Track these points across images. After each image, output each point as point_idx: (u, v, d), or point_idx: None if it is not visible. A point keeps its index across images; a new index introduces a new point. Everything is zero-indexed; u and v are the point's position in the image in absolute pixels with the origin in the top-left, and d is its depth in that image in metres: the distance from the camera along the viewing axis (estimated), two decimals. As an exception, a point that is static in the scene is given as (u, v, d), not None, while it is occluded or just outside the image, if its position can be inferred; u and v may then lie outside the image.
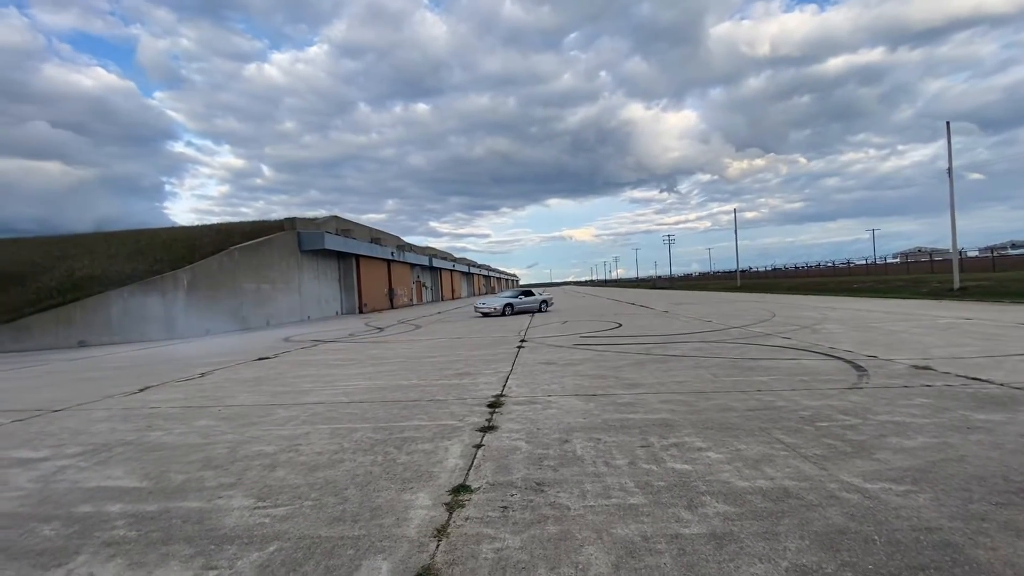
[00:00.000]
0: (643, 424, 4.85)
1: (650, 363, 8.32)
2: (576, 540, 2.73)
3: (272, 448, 4.62)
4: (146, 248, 23.37)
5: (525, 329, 15.57)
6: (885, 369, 7.02)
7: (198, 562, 2.70)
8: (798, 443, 4.14)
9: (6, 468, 4.42)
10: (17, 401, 7.70)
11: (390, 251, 41.21)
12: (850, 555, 2.48)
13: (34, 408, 7.01)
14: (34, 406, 7.15)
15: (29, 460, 4.62)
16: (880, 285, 32.45)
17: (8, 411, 6.92)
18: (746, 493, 3.23)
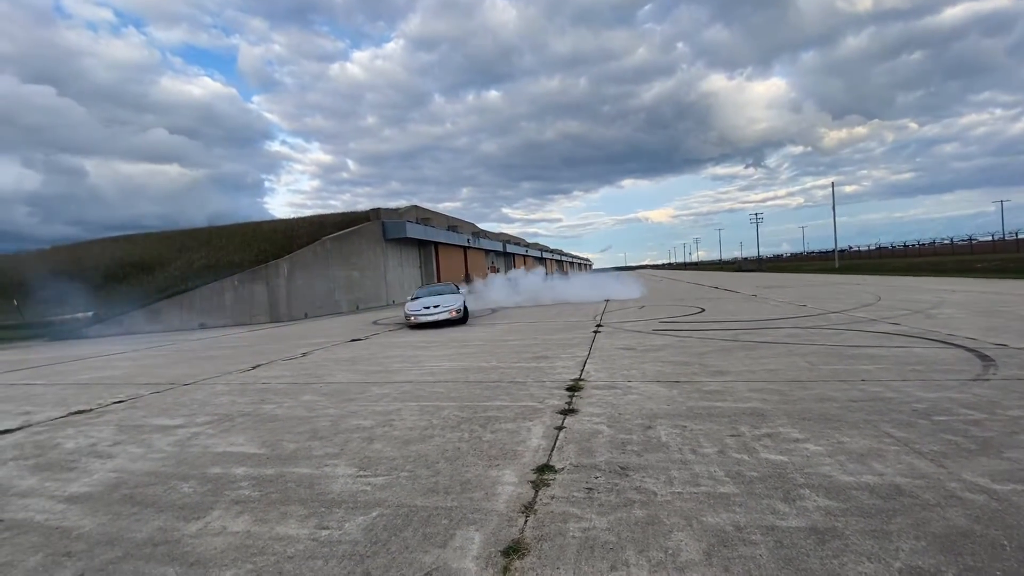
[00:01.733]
0: (732, 413, 4.67)
1: (737, 350, 7.92)
2: (664, 525, 2.72)
3: (369, 423, 4.99)
4: (251, 240, 25.71)
5: (601, 314, 15.39)
6: (1017, 359, 6.19)
7: (312, 522, 3.01)
8: (911, 438, 3.78)
9: (149, 433, 5.14)
10: (153, 376, 8.87)
11: (466, 238, 42.26)
12: (974, 559, 2.26)
13: (167, 382, 8.05)
14: (167, 380, 8.21)
15: (167, 427, 5.34)
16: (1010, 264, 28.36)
17: (147, 384, 8.00)
18: (850, 488, 3.02)
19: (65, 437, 5.13)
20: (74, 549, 2.84)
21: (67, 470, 4.14)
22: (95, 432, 5.25)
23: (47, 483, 3.88)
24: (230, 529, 2.98)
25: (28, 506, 3.46)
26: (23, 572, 2.64)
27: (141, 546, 2.84)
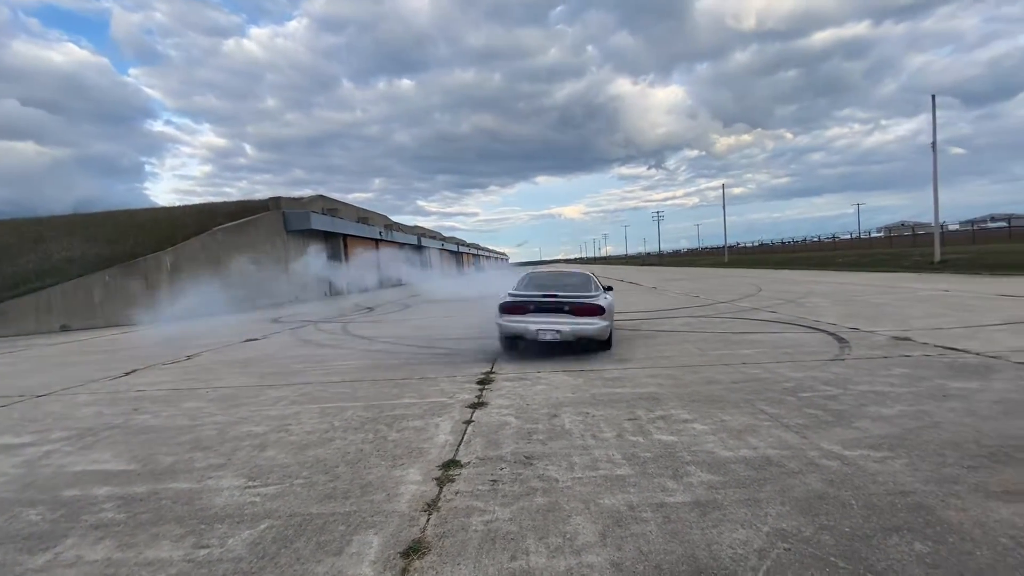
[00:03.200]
0: (631, 398, 4.93)
1: (638, 339, 8.40)
2: (564, 511, 2.79)
3: (262, 428, 4.62)
4: (126, 230, 22.85)
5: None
6: (866, 341, 7.17)
7: (189, 541, 2.72)
8: (781, 413, 4.23)
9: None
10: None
11: (378, 231, 40.89)
12: (828, 519, 2.57)
13: (16, 394, 6.91)
14: (16, 392, 7.05)
15: (12, 446, 4.57)
16: (864, 259, 32.92)
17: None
18: (730, 462, 3.31)
19: None
20: None
21: None
22: (-91, 458, 4.36)
23: None
24: (87, 558, 2.60)
25: None
26: None
27: (-35, 590, 2.40)
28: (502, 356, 7.51)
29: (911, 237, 52.98)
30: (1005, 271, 18.42)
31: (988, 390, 4.57)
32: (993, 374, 5.08)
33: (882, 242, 58.99)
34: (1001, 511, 2.56)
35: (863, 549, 2.30)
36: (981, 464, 3.09)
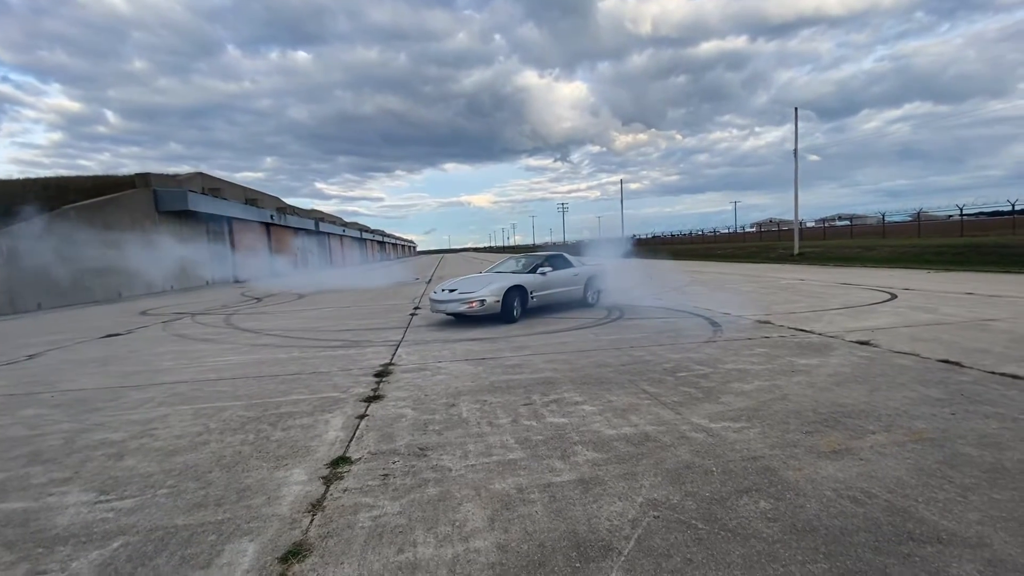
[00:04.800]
0: (528, 383, 5.07)
1: (538, 326, 8.66)
2: (455, 499, 2.81)
3: (120, 435, 4.10)
4: (-58, 206, 18.91)
5: (420, 296, 15.33)
6: (735, 324, 8.02)
7: (21, 568, 2.35)
8: (660, 392, 4.60)
9: None
10: None
11: (269, 214, 37.83)
12: (693, 486, 2.85)
13: None
14: None
15: None
16: (739, 251, 36.75)
17: None
18: (613, 440, 3.54)
19: None
20: None
21: None
22: None
23: None
24: None
25: None
26: None
27: None
28: (402, 347, 7.36)
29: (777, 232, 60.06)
30: (846, 262, 21.60)
31: (825, 365, 5.34)
32: (830, 352, 5.94)
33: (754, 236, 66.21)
34: (828, 468, 3.00)
35: (719, 511, 2.58)
36: (815, 429, 3.61)
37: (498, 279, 9.37)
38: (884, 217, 41.80)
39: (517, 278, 9.45)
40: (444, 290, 9.38)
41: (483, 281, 9.39)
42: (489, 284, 9.07)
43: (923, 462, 3.03)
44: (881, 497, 2.65)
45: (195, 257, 27.56)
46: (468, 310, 8.76)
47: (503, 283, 9.07)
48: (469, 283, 9.54)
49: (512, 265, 10.90)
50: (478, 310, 8.72)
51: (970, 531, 2.34)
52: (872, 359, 5.49)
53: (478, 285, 9.15)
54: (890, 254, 22.67)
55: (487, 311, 8.75)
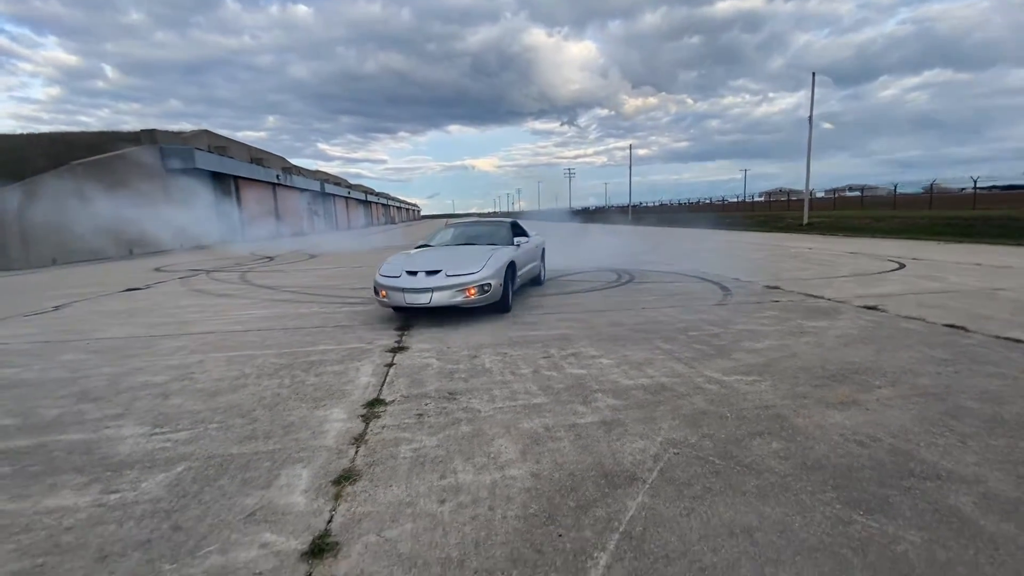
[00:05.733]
0: (545, 339, 5.26)
1: (548, 288, 8.82)
2: (488, 436, 3.02)
3: (161, 378, 4.34)
4: (-49, 160, 18.93)
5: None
6: (745, 289, 8.16)
7: (95, 488, 2.58)
8: (674, 349, 4.79)
9: None
10: None
11: (275, 174, 37.61)
12: (709, 429, 3.05)
13: None
14: None
15: None
16: (747, 220, 36.50)
17: None
18: (631, 389, 3.74)
19: None
20: None
21: None
22: None
23: None
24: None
25: None
26: None
27: None
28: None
29: (786, 202, 59.39)
30: (856, 233, 21.52)
31: (834, 328, 5.49)
32: (839, 316, 6.08)
33: (762, 206, 65.53)
34: (836, 416, 3.20)
35: (735, 450, 2.79)
36: (824, 383, 3.79)
37: (485, 252, 6.68)
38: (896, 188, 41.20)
39: (504, 252, 6.79)
40: (408, 272, 6.14)
41: (468, 257, 6.52)
42: (483, 260, 6.31)
43: (926, 413, 3.21)
44: (885, 441, 2.85)
45: (202, 216, 27.61)
46: (466, 301, 5.97)
47: (500, 258, 6.51)
48: (445, 259, 6.50)
49: (464, 233, 8.05)
50: (478, 300, 6.03)
51: (967, 471, 2.53)
52: (880, 323, 5.64)
53: (464, 262, 6.30)
54: (900, 225, 22.53)
55: (488, 300, 6.13)
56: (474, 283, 5.97)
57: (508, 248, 7.12)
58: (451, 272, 6.04)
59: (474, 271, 6.07)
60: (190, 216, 25.81)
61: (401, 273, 6.15)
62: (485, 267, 6.15)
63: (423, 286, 5.90)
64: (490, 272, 6.14)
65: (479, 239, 7.68)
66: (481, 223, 8.60)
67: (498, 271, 6.27)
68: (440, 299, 5.87)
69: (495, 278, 6.18)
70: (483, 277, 6.05)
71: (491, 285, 6.09)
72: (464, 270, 6.08)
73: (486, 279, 6.06)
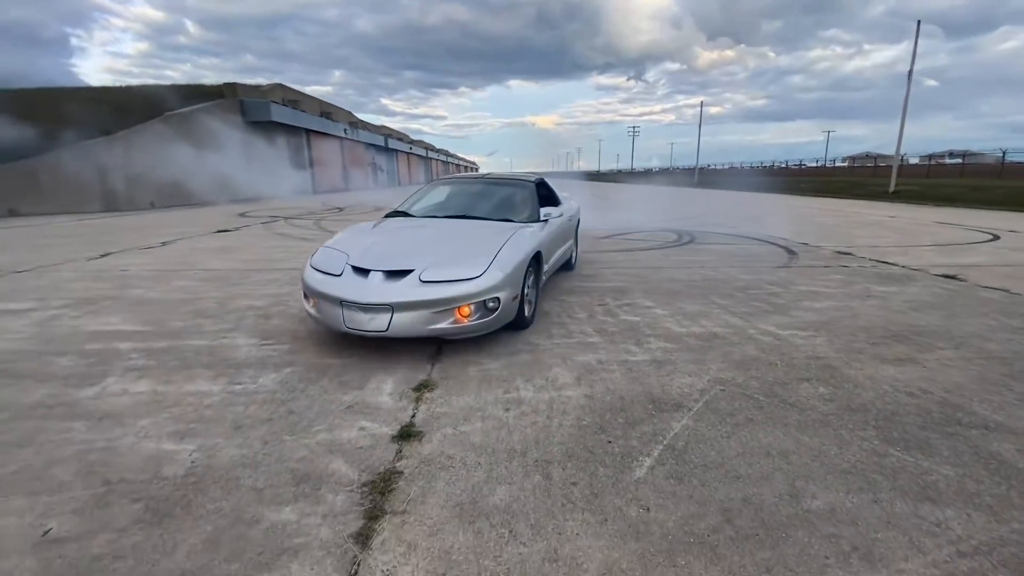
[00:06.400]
0: (600, 290, 5.47)
1: (607, 244, 8.91)
2: (545, 364, 3.34)
3: (261, 303, 4.95)
4: (66, 110, 20.97)
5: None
6: (813, 253, 7.91)
7: (222, 380, 3.13)
8: (730, 304, 4.87)
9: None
10: (-32, 263, 7.48)
11: (343, 128, 38.76)
12: (756, 372, 3.21)
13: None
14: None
15: (16, 311, 4.76)
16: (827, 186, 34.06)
17: (-36, 271, 6.78)
18: (682, 336, 3.92)
19: None
20: (-52, 415, 2.67)
21: None
22: (-88, 317, 4.50)
23: None
24: (132, 390, 2.99)
25: None
26: None
27: (33, 408, 2.77)
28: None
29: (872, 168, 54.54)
30: (948, 202, 19.69)
31: (903, 293, 5.33)
32: (911, 282, 5.86)
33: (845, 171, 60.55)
34: (889, 370, 3.25)
35: (780, 390, 2.95)
36: (883, 342, 3.80)
37: (495, 236, 4.02)
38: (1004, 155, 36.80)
39: (526, 237, 4.15)
40: (355, 270, 3.60)
41: (466, 243, 3.96)
42: (490, 251, 3.71)
43: (987, 374, 3.20)
44: (936, 394, 2.91)
45: (277, 167, 29.21)
46: (455, 329, 3.38)
47: (519, 247, 3.91)
48: (426, 245, 3.94)
49: (466, 199, 5.28)
50: (477, 325, 3.46)
51: (1018, 424, 2.57)
52: (956, 291, 5.40)
53: (458, 253, 3.74)
54: (1002, 196, 20.35)
55: (493, 325, 3.56)
56: (471, 296, 3.32)
57: (532, 228, 4.38)
58: (430, 275, 3.37)
59: (472, 273, 3.41)
60: (266, 167, 27.39)
61: (344, 269, 3.57)
62: (492, 265, 3.50)
63: (376, 300, 3.23)
64: (500, 275, 3.47)
65: (488, 210, 4.85)
66: (495, 182, 5.57)
67: (514, 272, 3.61)
68: (405, 325, 3.23)
69: (508, 286, 3.52)
70: (488, 285, 3.38)
71: (500, 300, 3.43)
72: (455, 270, 3.44)
73: (493, 288, 3.40)
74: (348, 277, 3.53)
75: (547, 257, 4.71)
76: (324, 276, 3.63)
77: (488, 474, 2.14)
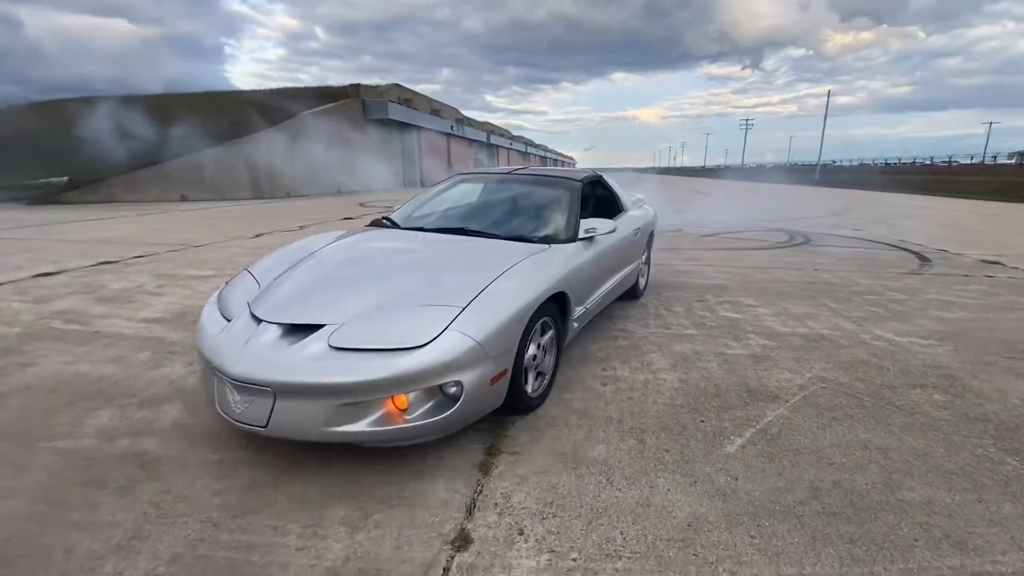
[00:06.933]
0: (700, 287, 5.47)
1: (710, 242, 8.70)
2: (641, 350, 3.53)
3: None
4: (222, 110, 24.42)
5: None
6: (951, 261, 7.13)
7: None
8: (843, 308, 4.66)
9: (187, 280, 5.67)
10: (159, 239, 9.20)
11: (449, 124, 40.74)
12: (864, 375, 3.14)
13: (177, 243, 8.44)
14: (176, 242, 8.59)
15: (202, 276, 5.87)
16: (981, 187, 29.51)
17: (158, 244, 8.38)
18: (786, 335, 3.88)
19: (108, 280, 5.63)
20: (174, 350, 3.51)
21: (128, 303, 4.71)
22: (133, 277, 5.76)
23: (118, 310, 4.46)
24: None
25: (113, 324, 4.07)
26: (139, 362, 3.31)
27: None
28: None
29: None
30: None
31: (1062, 308, 4.71)
32: (1075, 297, 5.13)
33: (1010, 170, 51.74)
34: (1022, 386, 3.02)
35: (888, 393, 2.89)
36: (1022, 358, 3.48)
37: (487, 268, 2.53)
38: None
39: (536, 269, 2.67)
40: (252, 314, 2.29)
41: (437, 278, 2.48)
42: (463, 295, 2.26)
43: None
44: (1080, 414, 2.67)
45: (391, 162, 31.57)
46: (377, 432, 1.97)
47: (516, 295, 2.37)
48: (375, 279, 2.51)
49: (483, 205, 3.97)
50: (422, 427, 2.01)
51: None
52: None
53: (414, 293, 2.33)
54: None
55: (452, 424, 2.10)
56: (410, 379, 1.96)
57: (561, 252, 3.03)
58: (345, 337, 2.05)
59: (415, 339, 2.02)
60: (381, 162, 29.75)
61: (243, 311, 2.38)
62: (459, 320, 2.12)
63: (248, 374, 1.98)
64: (469, 341, 2.07)
65: (499, 222, 3.48)
66: (528, 180, 4.01)
67: (502, 331, 2.22)
68: (293, 422, 1.96)
69: (487, 358, 2.13)
70: (442, 359, 1.99)
71: (464, 385, 2.06)
72: (389, 329, 2.10)
73: (452, 365, 2.02)
74: (237, 327, 2.24)
75: (582, 295, 3.15)
76: (212, 320, 2.42)
77: (587, 434, 2.43)
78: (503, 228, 3.36)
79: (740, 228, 10.72)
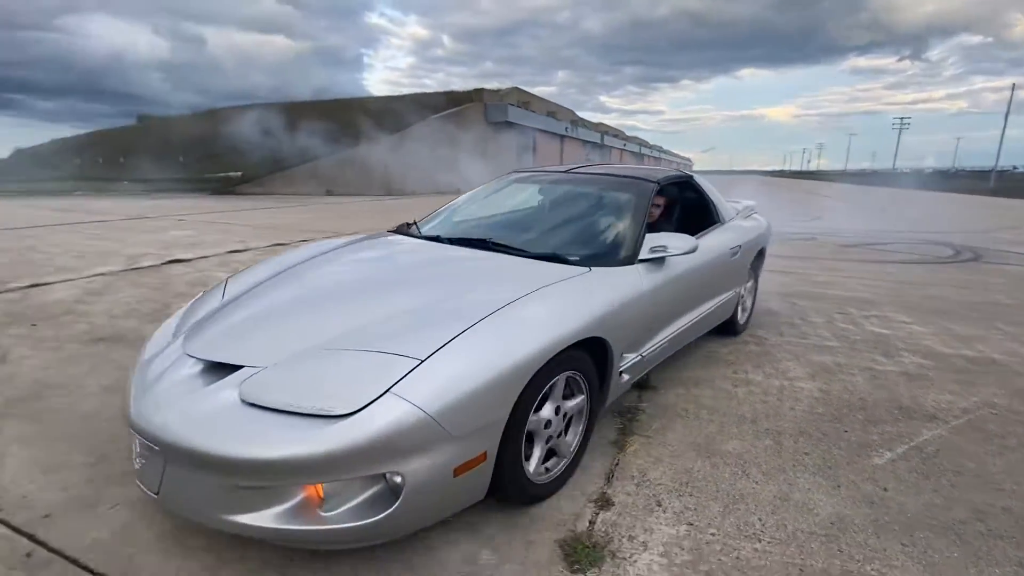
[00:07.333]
0: (840, 298, 5.09)
1: (853, 253, 7.96)
2: (775, 357, 3.44)
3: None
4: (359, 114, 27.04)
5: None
6: None
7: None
8: (1020, 333, 4.09)
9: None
10: (315, 225, 10.57)
11: (564, 126, 41.06)
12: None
13: (332, 230, 9.64)
14: (331, 229, 9.81)
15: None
16: None
17: (315, 232, 9.65)
18: (948, 356, 3.53)
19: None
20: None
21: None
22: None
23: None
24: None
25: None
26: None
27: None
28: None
29: None
30: None
31: None
32: None
33: None
34: None
35: (1079, 428, 2.55)
36: None
37: (480, 292, 1.93)
38: None
39: (555, 300, 1.92)
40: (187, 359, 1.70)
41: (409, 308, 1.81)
42: (433, 339, 1.55)
43: None
44: None
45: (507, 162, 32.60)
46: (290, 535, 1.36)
47: (511, 347, 1.61)
48: (333, 310, 1.90)
49: (509, 215, 3.40)
50: (345, 532, 1.35)
51: None
52: None
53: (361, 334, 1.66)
54: None
55: (404, 525, 1.45)
56: (327, 465, 1.30)
57: (601, 279, 2.18)
58: (262, 388, 1.46)
59: (347, 405, 1.35)
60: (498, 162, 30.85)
61: (183, 335, 1.90)
62: (407, 379, 1.42)
63: (143, 423, 1.48)
64: (412, 414, 1.36)
65: (533, 235, 2.89)
66: (590, 181, 3.23)
67: (469, 398, 1.45)
68: (185, 497, 1.43)
69: (436, 445, 1.40)
70: (371, 436, 1.31)
71: (405, 477, 1.35)
72: (318, 380, 1.48)
73: (386, 446, 1.33)
74: (165, 353, 1.82)
75: (637, 338, 2.34)
76: (160, 336, 2.01)
77: (720, 429, 2.48)
78: (534, 242, 2.64)
79: (892, 240, 9.62)
